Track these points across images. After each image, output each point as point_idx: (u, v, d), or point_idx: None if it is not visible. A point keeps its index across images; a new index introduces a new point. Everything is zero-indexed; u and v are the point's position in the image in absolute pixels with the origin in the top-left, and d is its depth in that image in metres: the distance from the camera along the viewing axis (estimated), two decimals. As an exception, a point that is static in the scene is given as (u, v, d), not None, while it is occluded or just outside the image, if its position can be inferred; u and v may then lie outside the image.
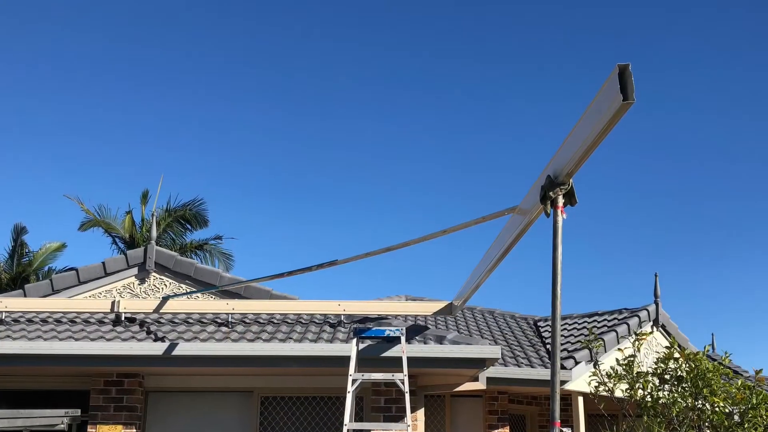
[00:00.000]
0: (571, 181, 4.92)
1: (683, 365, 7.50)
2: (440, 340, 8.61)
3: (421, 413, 9.28)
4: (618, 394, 7.80)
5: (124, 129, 30.36)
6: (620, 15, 27.54)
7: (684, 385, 7.41)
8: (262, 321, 9.55)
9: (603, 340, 10.54)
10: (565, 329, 12.24)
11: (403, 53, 29.56)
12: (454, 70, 29.44)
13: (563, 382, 9.85)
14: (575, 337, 11.69)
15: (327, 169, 31.60)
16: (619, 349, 8.22)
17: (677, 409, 7.25)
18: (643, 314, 11.87)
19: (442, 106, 30.51)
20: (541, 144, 28.75)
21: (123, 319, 9.32)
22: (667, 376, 7.56)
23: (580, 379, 10.09)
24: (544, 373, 10.02)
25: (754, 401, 7.19)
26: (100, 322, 9.36)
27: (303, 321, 9.63)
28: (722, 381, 7.38)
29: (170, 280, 10.02)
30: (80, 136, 30.27)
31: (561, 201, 4.92)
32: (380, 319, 9.36)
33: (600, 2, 27.65)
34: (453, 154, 31.12)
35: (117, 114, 29.86)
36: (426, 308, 9.26)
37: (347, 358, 7.62)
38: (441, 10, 28.29)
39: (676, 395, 7.39)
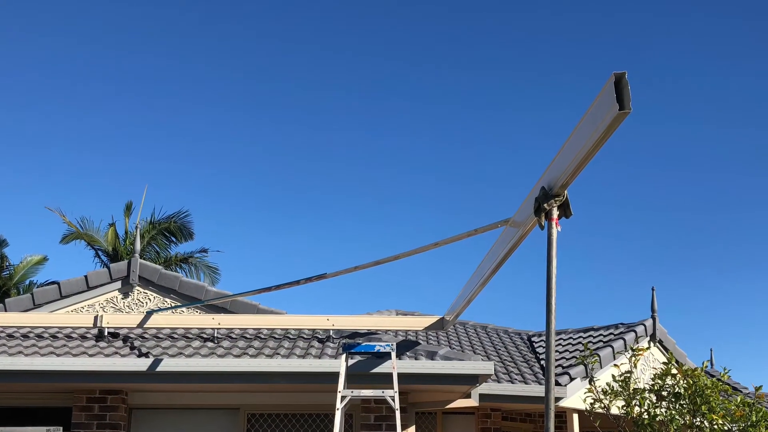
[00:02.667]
0: (566, 192, 4.86)
1: (681, 381, 7.38)
2: (432, 355, 8.47)
3: (411, 431, 9.12)
4: (614, 411, 7.70)
5: (108, 139, 30.18)
6: (616, 23, 27.59)
7: (682, 402, 7.30)
8: (248, 336, 9.39)
9: (599, 355, 10.41)
10: (559, 345, 12.10)
11: (394, 62, 29.57)
12: (447, 79, 29.43)
13: (558, 399, 9.71)
14: (570, 352, 11.56)
15: (316, 181, 31.49)
16: (615, 365, 8.10)
17: (675, 427, 7.14)
18: (640, 329, 11.75)
19: (433, 117, 30.48)
20: (535, 155, 28.72)
21: (106, 334, 9.16)
22: (664, 393, 7.45)
23: (575, 396, 9.94)
24: (538, 390, 9.89)
25: (754, 418, 7.09)
26: (83, 337, 9.20)
27: (291, 336, 9.49)
28: (721, 398, 7.27)
29: (154, 294, 9.88)
30: (62, 147, 30.09)
31: (555, 213, 4.85)
32: (370, 335, 9.22)
33: (596, 11, 27.68)
34: (445, 165, 31.07)
35: (100, 124, 29.69)
36: (417, 323, 9.15)
37: (336, 375, 7.52)
38: (433, 19, 28.30)
39: (673, 412, 7.28)
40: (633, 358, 7.74)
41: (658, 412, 7.34)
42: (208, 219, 29.97)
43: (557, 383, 9.91)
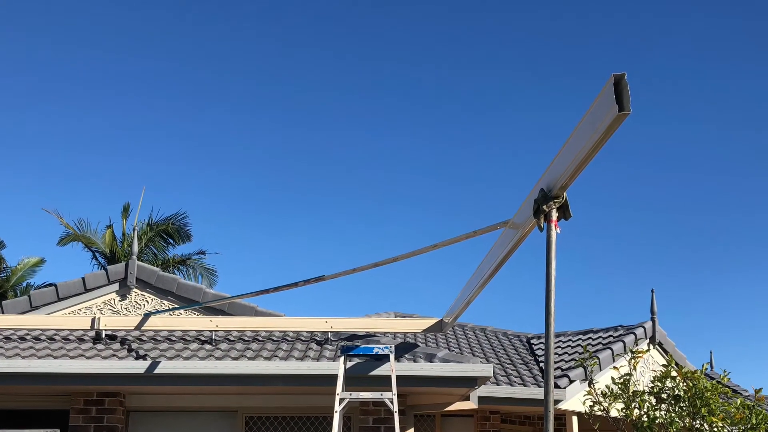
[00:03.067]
0: (565, 194, 4.83)
1: (681, 384, 7.34)
2: (430, 358, 8.43)
3: (410, 433, 9.09)
4: (613, 413, 7.66)
5: (105, 140, 30.07)
6: (616, 24, 27.55)
7: (681, 405, 7.26)
8: (246, 338, 9.35)
9: (598, 358, 10.37)
10: (559, 347, 12.06)
11: (394, 63, 29.51)
12: (446, 80, 29.39)
13: (557, 402, 9.67)
14: (569, 355, 11.52)
15: (314, 182, 31.42)
16: (614, 368, 8.06)
17: (674, 430, 7.10)
18: (639, 331, 11.71)
19: (432, 118, 30.43)
20: (534, 156, 28.68)
21: (103, 336, 9.11)
22: (664, 395, 7.42)
23: (575, 399, 9.90)
24: (537, 392, 9.85)
25: (754, 421, 7.05)
26: (80, 339, 9.15)
27: (289, 338, 9.45)
28: (721, 400, 7.23)
29: (152, 297, 9.84)
30: (60, 148, 29.98)
31: (555, 215, 4.84)
32: (368, 337, 9.18)
33: (595, 11, 27.64)
34: (444, 167, 31.01)
35: (98, 125, 29.59)
36: (415, 325, 9.11)
37: (334, 377, 7.47)
38: (433, 19, 28.26)
39: (673, 415, 7.24)
40: (632, 361, 7.70)
41: (657, 415, 7.30)
42: (206, 221, 29.93)
43: (556, 386, 9.87)
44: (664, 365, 7.84)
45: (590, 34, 28.25)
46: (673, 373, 7.50)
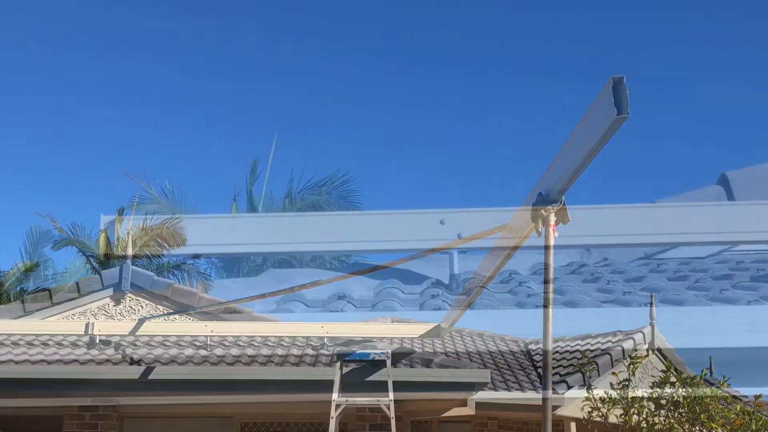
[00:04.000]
0: (563, 198, 4.77)
1: (680, 390, 7.31)
2: (427, 363, 8.38)
3: (407, 439, 9.01)
4: (612, 419, 7.62)
5: (101, 143, 30.02)
6: (616, 25, 27.56)
7: (681, 411, 7.23)
8: (242, 344, 9.27)
9: (596, 363, 10.30)
10: (557, 352, 11.98)
11: (394, 64, 29.51)
12: (445, 80, 29.38)
13: (555, 408, 9.58)
14: (568, 360, 11.44)
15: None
16: (613, 373, 8.04)
17: (674, 436, 7.05)
18: (638, 337, 11.64)
19: (431, 118, 30.42)
20: (532, 159, 28.67)
21: (97, 341, 9.02)
22: (663, 401, 7.39)
23: (573, 404, 9.83)
24: (535, 398, 9.76)
25: (754, 427, 7.03)
26: (74, 344, 9.08)
27: (284, 344, 9.37)
28: (720, 406, 7.20)
29: (147, 301, 9.78)
30: (54, 151, 29.93)
31: (553, 219, 4.77)
32: (365, 342, 9.11)
33: (594, 12, 27.64)
34: (442, 168, 30.97)
35: (92, 126, 29.53)
36: (412, 330, 9.06)
37: (330, 382, 7.43)
38: (431, 21, 28.26)
39: (672, 421, 7.22)
40: (631, 366, 7.67)
41: (656, 421, 7.27)
42: (203, 223, 29.77)
43: (554, 391, 9.80)
44: (663, 371, 7.81)
45: (590, 35, 28.27)
46: (672, 379, 7.47)
